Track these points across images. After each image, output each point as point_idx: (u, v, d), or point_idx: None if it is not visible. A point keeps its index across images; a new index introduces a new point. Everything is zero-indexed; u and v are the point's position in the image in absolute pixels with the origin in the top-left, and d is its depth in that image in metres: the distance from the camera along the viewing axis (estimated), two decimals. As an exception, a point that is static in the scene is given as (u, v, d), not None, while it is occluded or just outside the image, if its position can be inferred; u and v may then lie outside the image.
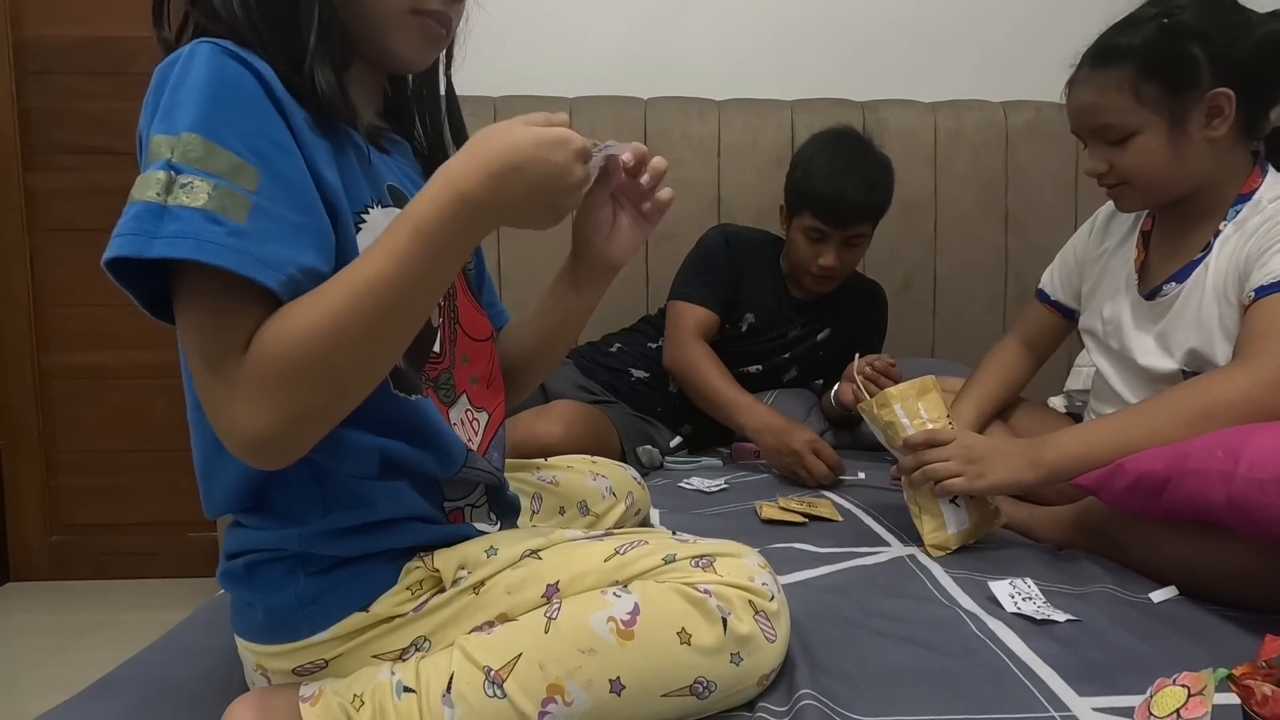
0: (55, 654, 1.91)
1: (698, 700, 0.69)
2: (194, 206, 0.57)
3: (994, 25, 2.19)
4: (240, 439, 0.60)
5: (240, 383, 0.58)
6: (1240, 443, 0.85)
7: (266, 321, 0.59)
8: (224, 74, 0.61)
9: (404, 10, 0.72)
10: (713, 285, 1.77)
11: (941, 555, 1.09)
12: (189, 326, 0.60)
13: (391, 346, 0.63)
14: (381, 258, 0.60)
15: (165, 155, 0.58)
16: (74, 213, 2.29)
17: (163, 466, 2.34)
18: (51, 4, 2.22)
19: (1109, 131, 1.12)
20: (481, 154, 0.63)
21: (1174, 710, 0.58)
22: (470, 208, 0.61)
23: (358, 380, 0.62)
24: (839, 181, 1.64)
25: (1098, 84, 1.11)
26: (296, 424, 0.60)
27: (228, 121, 0.59)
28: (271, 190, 0.60)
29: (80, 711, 0.75)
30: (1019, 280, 2.11)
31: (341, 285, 0.60)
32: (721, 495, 1.45)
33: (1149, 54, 1.07)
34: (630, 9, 2.14)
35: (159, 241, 0.56)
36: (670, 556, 0.73)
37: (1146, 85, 1.07)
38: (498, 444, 0.88)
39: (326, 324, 0.58)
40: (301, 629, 0.71)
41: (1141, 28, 1.08)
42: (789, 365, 1.85)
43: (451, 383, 0.81)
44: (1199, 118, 1.08)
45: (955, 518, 1.11)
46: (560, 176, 0.65)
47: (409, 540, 0.74)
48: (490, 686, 0.65)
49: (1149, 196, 1.17)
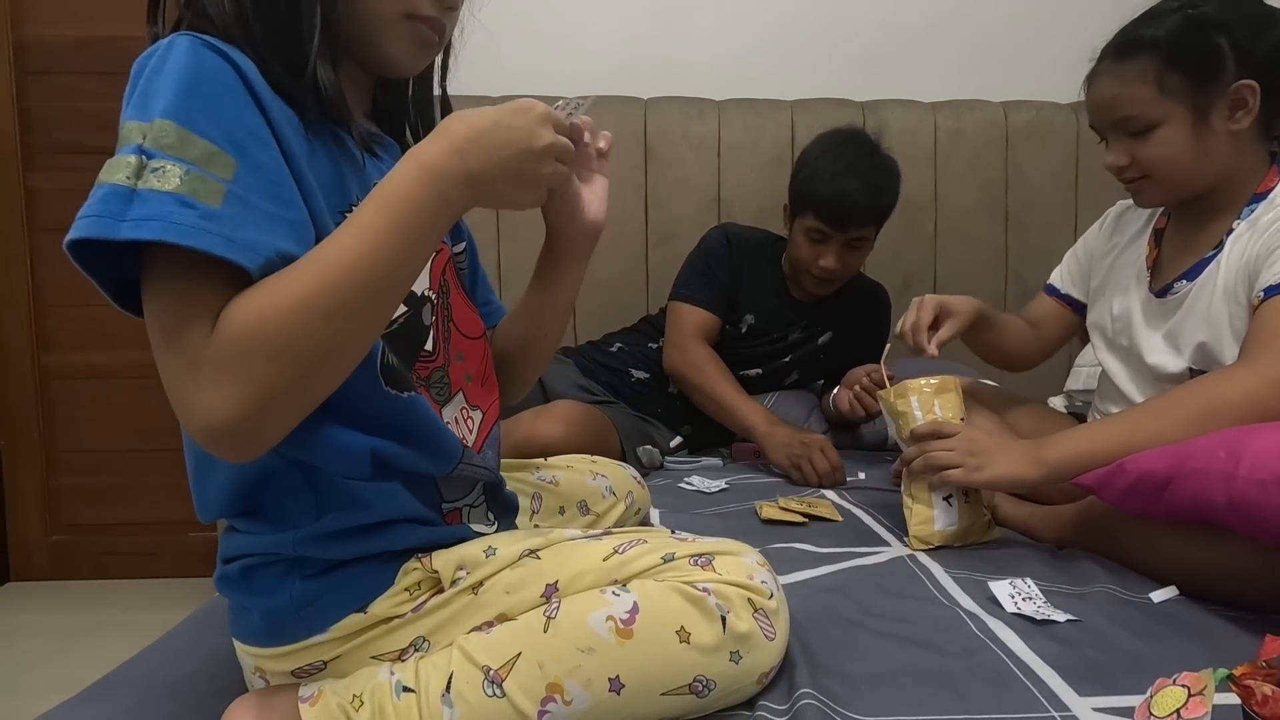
0: (55, 654, 1.91)
1: (697, 699, 0.69)
2: (165, 190, 0.55)
3: (994, 25, 2.19)
4: (204, 424, 0.57)
5: (204, 363, 0.56)
6: (1241, 443, 0.85)
7: (232, 300, 0.57)
8: (202, 64, 0.60)
9: (398, 15, 0.72)
10: (713, 286, 1.77)
11: (923, 549, 1.11)
12: (155, 309, 0.58)
13: (361, 326, 0.61)
14: (350, 235, 0.60)
15: (137, 140, 0.57)
16: (74, 213, 2.23)
17: (163, 466, 2.34)
18: (51, 4, 2.22)
19: (1132, 123, 1.11)
20: (444, 131, 0.64)
21: (1174, 710, 0.58)
22: (435, 179, 0.61)
23: (327, 361, 0.59)
24: (842, 183, 1.64)
25: (1120, 75, 1.11)
26: (263, 408, 0.57)
27: (204, 110, 0.58)
28: (248, 180, 0.59)
29: (80, 711, 0.75)
30: (1019, 280, 2.11)
31: (309, 262, 0.59)
32: (721, 495, 1.45)
33: (1173, 44, 1.06)
34: (630, 9, 2.14)
35: (126, 224, 0.54)
36: (669, 555, 0.73)
37: (1170, 76, 1.07)
38: (492, 442, 0.88)
39: (293, 300, 0.57)
40: (299, 631, 0.71)
41: (1165, 19, 1.08)
42: (790, 369, 1.85)
43: (446, 380, 0.81)
44: (1222, 110, 1.07)
45: (945, 515, 1.12)
46: (524, 142, 0.65)
47: (405, 542, 0.74)
48: (489, 686, 0.65)
49: (1169, 190, 1.15)
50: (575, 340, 2.04)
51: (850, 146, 1.69)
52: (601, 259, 2.06)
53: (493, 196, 0.66)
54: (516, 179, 0.66)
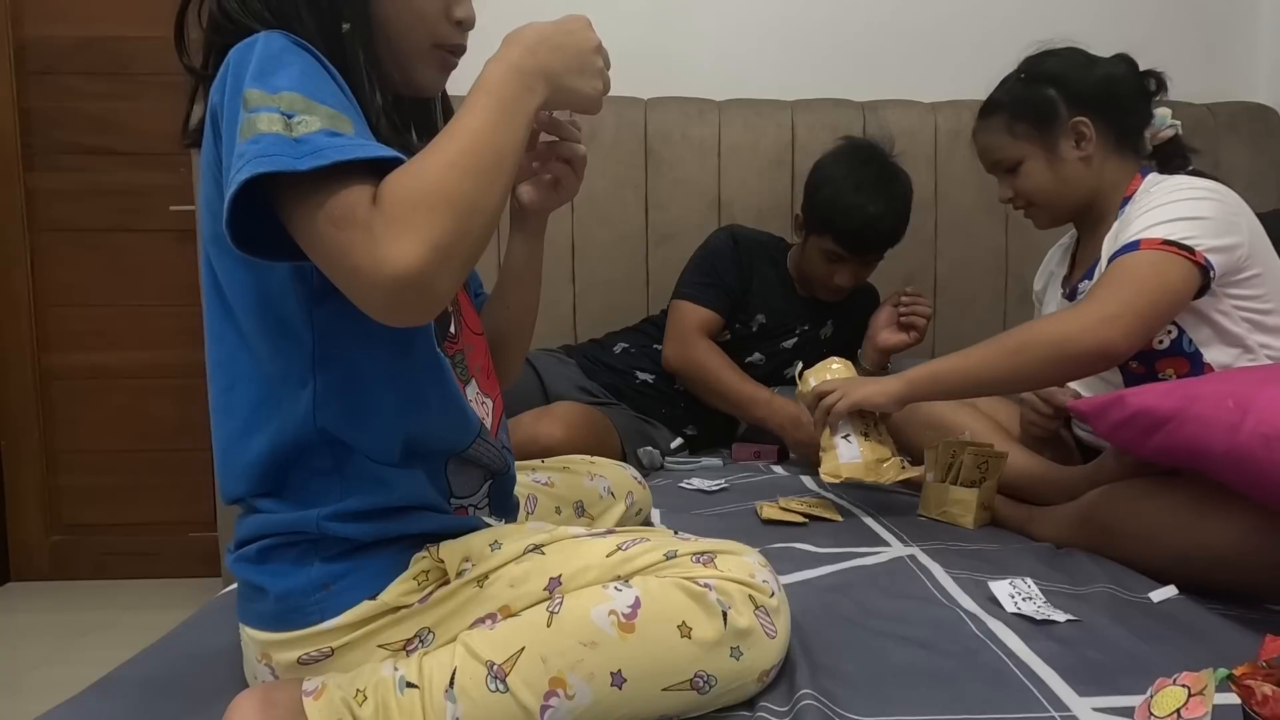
0: (55, 654, 1.91)
1: (698, 695, 0.70)
2: (314, 130, 0.63)
3: (994, 25, 2.19)
4: (392, 274, 0.61)
5: (376, 224, 0.62)
6: (1251, 394, 0.86)
7: (386, 178, 0.64)
8: (304, 53, 0.68)
9: (426, 45, 0.80)
10: (718, 287, 1.78)
11: (833, 481, 1.27)
12: (311, 211, 0.63)
13: (491, 184, 0.68)
14: (468, 116, 0.69)
15: (272, 104, 0.63)
16: (74, 213, 2.29)
17: (163, 466, 2.34)
18: (51, 4, 2.23)
19: (1002, 164, 1.36)
20: (516, 38, 0.74)
21: (1174, 710, 0.58)
22: (520, 74, 0.72)
23: (475, 215, 0.66)
24: (866, 213, 1.65)
25: (985, 129, 1.38)
26: (437, 255, 0.62)
27: (318, 85, 0.67)
28: (360, 130, 0.68)
29: (80, 711, 0.75)
30: (1019, 280, 2.10)
31: (444, 136, 0.68)
32: (722, 495, 1.45)
33: (1015, 103, 1.33)
34: (630, 9, 2.14)
35: (302, 159, 0.61)
36: (671, 553, 0.74)
37: (1018, 125, 1.32)
38: (504, 427, 0.93)
39: (441, 163, 0.65)
40: (312, 614, 0.72)
41: (1009, 85, 1.35)
42: (793, 355, 1.85)
43: (465, 363, 0.86)
44: (1068, 142, 1.29)
45: (847, 450, 1.29)
46: (582, 41, 0.77)
47: (421, 526, 0.77)
48: (493, 681, 0.66)
49: (1050, 212, 1.36)
50: (576, 339, 2.04)
51: (871, 169, 1.70)
52: (602, 259, 2.06)
53: (565, 89, 0.75)
54: (580, 70, 0.76)
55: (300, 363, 0.73)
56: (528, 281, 1.00)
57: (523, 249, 0.98)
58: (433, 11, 0.79)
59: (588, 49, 0.77)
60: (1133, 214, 1.20)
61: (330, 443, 0.74)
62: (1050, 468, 1.27)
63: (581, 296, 2.07)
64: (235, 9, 0.73)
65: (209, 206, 0.71)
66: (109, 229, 2.30)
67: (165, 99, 2.21)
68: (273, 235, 0.65)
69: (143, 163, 2.27)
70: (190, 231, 2.18)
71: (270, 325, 0.73)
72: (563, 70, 0.75)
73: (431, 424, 0.78)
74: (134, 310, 2.32)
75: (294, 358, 0.73)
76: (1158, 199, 1.18)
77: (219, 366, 0.77)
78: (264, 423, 0.74)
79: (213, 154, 0.69)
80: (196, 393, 2.04)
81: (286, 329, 0.72)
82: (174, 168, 2.23)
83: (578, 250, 2.05)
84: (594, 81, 0.78)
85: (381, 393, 0.75)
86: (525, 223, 0.97)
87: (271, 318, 0.72)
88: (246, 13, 0.73)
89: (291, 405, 0.73)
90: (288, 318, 0.72)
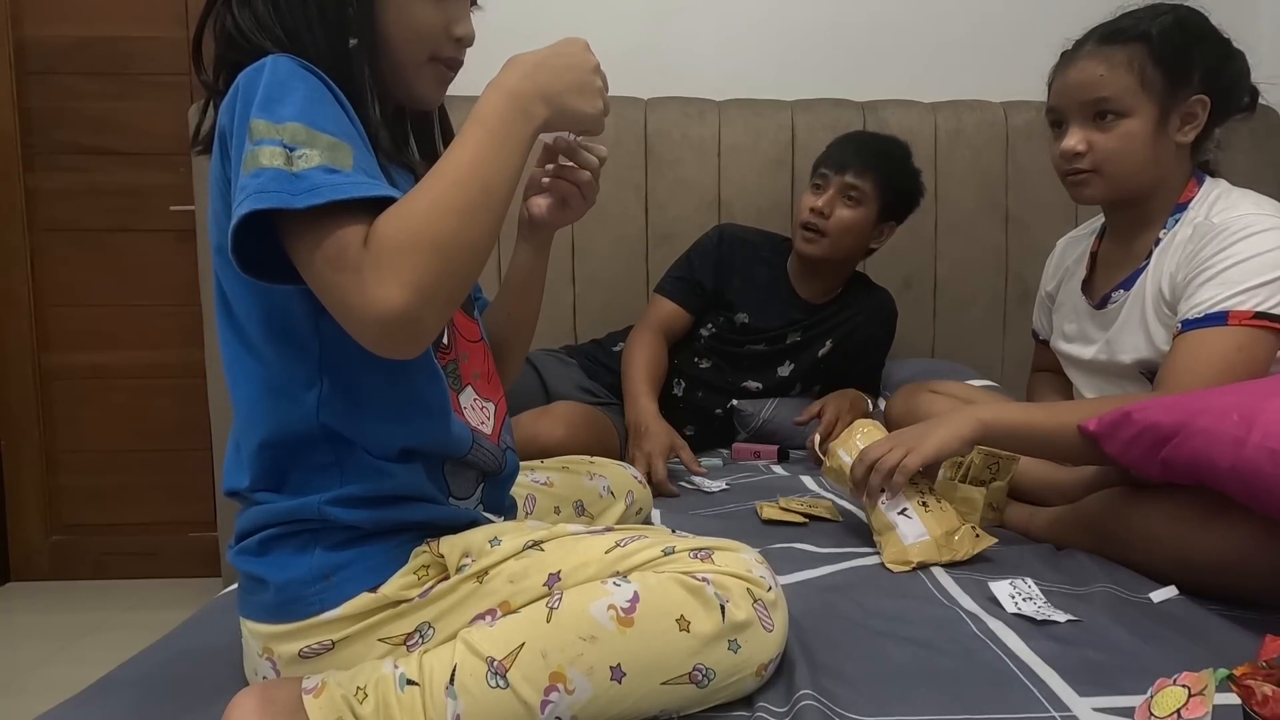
0: (55, 654, 1.91)
1: (697, 689, 0.70)
2: (313, 166, 0.65)
3: (994, 25, 2.19)
4: (378, 316, 0.64)
5: (365, 268, 0.64)
6: (1256, 408, 0.84)
7: (376, 220, 0.67)
8: (309, 77, 0.71)
9: (424, 59, 0.83)
10: (688, 283, 1.80)
11: (907, 570, 1.04)
12: (314, 251, 0.66)
13: (482, 221, 0.69)
14: (459, 150, 0.71)
15: (275, 136, 0.66)
16: (74, 213, 2.29)
17: (163, 466, 2.34)
18: (51, 4, 2.22)
19: (1106, 106, 1.14)
20: (514, 64, 0.77)
21: (1174, 710, 0.58)
22: (517, 99, 0.74)
23: (464, 253, 0.68)
24: (846, 135, 1.78)
25: (1107, 59, 1.13)
26: (421, 295, 0.65)
27: (320, 113, 0.69)
28: (361, 159, 0.70)
29: (80, 711, 0.75)
30: (1019, 280, 2.10)
31: (432, 176, 0.70)
32: (722, 495, 1.45)
33: (1163, 41, 1.10)
34: (630, 9, 2.14)
35: (298, 197, 0.64)
36: (669, 549, 0.75)
37: (1152, 70, 1.10)
38: (508, 428, 0.95)
39: (426, 203, 0.67)
40: (313, 605, 0.73)
41: (1158, 17, 1.12)
42: (791, 382, 1.84)
43: (458, 373, 0.87)
44: (1176, 119, 1.13)
45: (910, 529, 1.06)
46: (580, 64, 0.79)
47: (421, 516, 0.78)
48: (493, 677, 0.66)
49: (1112, 187, 1.18)
50: (576, 339, 2.04)
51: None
52: (602, 259, 2.06)
53: (565, 111, 0.77)
54: (580, 90, 0.78)
55: (307, 367, 0.75)
56: (529, 292, 1.02)
57: (526, 261, 1.00)
58: (435, 28, 0.82)
59: (586, 69, 0.79)
60: (1205, 247, 1.09)
61: (332, 437, 0.76)
62: (1053, 469, 1.25)
63: (581, 296, 2.07)
64: (250, 26, 0.75)
65: (216, 220, 0.73)
66: (109, 229, 2.29)
67: (165, 99, 2.21)
68: (276, 260, 0.67)
69: (143, 163, 2.27)
70: (190, 231, 2.18)
71: (277, 333, 0.75)
72: (563, 91, 0.77)
73: (426, 431, 0.80)
74: (134, 310, 2.32)
75: (301, 362, 0.75)
76: (1235, 238, 1.06)
77: (227, 367, 0.79)
78: (268, 417, 0.76)
79: (221, 172, 0.72)
80: (196, 393, 2.05)
81: (293, 337, 0.75)
82: (174, 168, 2.23)
83: (578, 250, 2.05)
84: (594, 100, 0.80)
85: (382, 394, 0.77)
86: (531, 235, 0.99)
87: (278, 326, 0.75)
88: (259, 29, 0.75)
89: (297, 403, 0.75)
90: (294, 327, 0.74)
